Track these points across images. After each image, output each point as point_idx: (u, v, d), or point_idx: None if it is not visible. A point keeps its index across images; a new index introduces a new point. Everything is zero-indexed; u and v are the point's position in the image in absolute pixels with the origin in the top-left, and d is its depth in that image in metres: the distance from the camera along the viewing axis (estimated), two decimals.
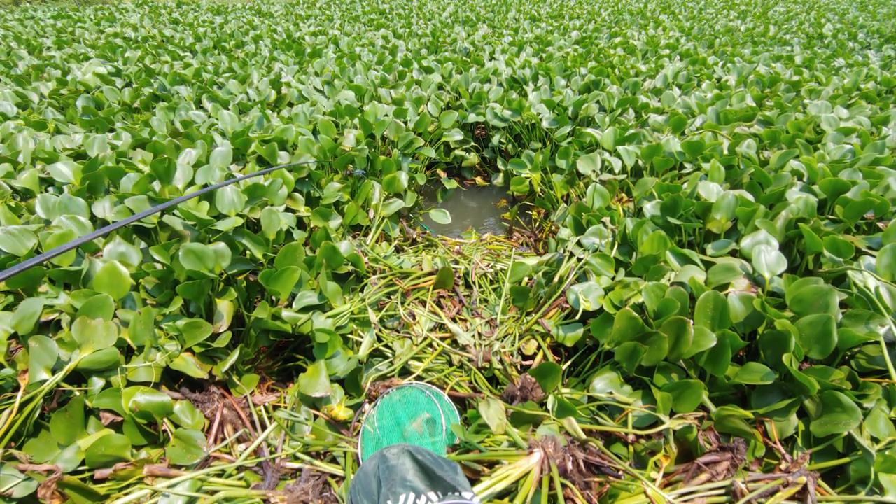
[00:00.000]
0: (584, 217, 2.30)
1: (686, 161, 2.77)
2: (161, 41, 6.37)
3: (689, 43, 6.33)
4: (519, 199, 3.49)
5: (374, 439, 1.56)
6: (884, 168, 2.27)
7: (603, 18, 8.98)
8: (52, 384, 1.40)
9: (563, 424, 1.44)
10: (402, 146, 3.21)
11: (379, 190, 2.74)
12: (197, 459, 1.43)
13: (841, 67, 5.13)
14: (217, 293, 1.82)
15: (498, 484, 1.28)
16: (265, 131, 3.10)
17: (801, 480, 1.27)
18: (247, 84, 4.19)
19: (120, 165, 2.32)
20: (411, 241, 2.92)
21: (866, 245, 1.85)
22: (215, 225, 1.97)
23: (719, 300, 1.56)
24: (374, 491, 1.12)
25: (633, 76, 4.51)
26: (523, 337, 1.97)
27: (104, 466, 1.36)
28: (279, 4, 11.27)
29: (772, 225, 1.91)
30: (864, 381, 1.45)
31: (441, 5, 10.91)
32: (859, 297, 1.58)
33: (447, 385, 1.80)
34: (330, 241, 2.11)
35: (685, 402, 1.45)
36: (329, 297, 1.88)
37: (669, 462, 1.42)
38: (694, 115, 3.48)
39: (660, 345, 1.52)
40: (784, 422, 1.41)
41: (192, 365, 1.60)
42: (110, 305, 1.59)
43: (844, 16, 9.64)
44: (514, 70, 4.66)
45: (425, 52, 5.68)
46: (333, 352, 1.74)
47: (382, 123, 3.16)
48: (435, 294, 2.24)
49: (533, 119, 3.63)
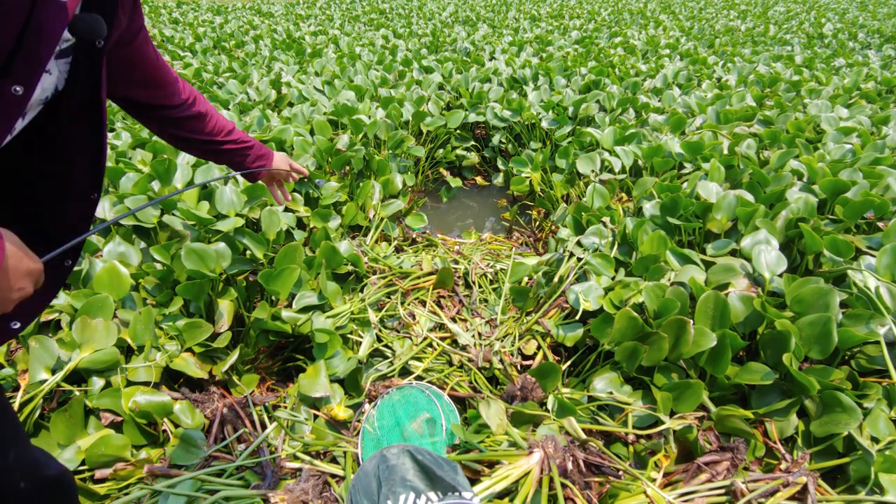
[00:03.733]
0: (584, 217, 2.30)
1: (686, 161, 2.77)
2: (161, 41, 6.37)
3: (690, 43, 6.33)
4: (519, 199, 3.49)
5: (374, 439, 1.56)
6: (884, 168, 2.27)
7: (603, 18, 8.98)
8: (52, 384, 1.41)
9: (563, 424, 1.44)
10: (392, 146, 3.20)
11: (378, 190, 2.74)
12: (197, 459, 1.43)
13: (841, 67, 5.13)
14: (217, 293, 1.82)
15: (498, 484, 1.28)
16: (265, 131, 3.10)
17: (801, 480, 1.27)
18: (247, 84, 4.19)
19: (119, 165, 2.32)
20: (411, 241, 2.92)
21: (866, 245, 1.85)
22: (215, 225, 1.97)
23: (719, 300, 1.56)
24: (374, 491, 1.12)
25: (633, 76, 4.51)
26: (523, 337, 1.97)
27: (104, 466, 1.36)
28: (279, 4, 11.27)
29: (772, 225, 1.91)
30: (864, 381, 1.45)
31: (441, 5, 10.91)
32: (859, 297, 1.58)
33: (447, 385, 1.80)
34: (330, 241, 2.11)
35: (685, 402, 1.45)
36: (329, 297, 1.88)
37: (669, 462, 1.42)
38: (694, 115, 3.48)
39: (660, 345, 1.52)
40: (784, 422, 1.41)
41: (192, 365, 1.60)
42: (110, 305, 1.59)
43: (844, 15, 9.64)
44: (514, 70, 4.66)
45: (425, 52, 5.68)
46: (333, 352, 1.74)
47: (374, 124, 3.14)
48: (435, 294, 2.24)
49: (533, 119, 3.63)
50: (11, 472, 0.82)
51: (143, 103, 1.04)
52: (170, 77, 1.05)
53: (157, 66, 1.00)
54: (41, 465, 0.90)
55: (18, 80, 0.62)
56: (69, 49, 0.72)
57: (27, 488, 0.83)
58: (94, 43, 0.74)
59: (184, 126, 1.13)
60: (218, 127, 1.19)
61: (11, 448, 0.82)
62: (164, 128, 1.12)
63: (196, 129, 1.15)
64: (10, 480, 0.81)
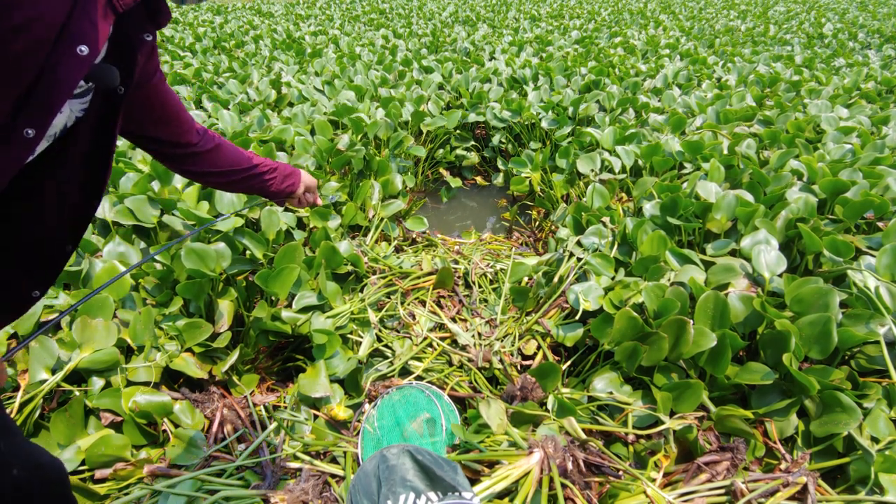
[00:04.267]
0: (584, 217, 2.30)
1: (686, 161, 2.77)
2: (161, 41, 6.37)
3: (689, 43, 6.33)
4: (519, 199, 3.49)
5: (374, 439, 1.56)
6: (884, 168, 2.27)
7: (603, 18, 8.98)
8: (52, 384, 1.41)
9: (563, 424, 1.44)
10: (392, 146, 3.20)
11: (378, 190, 2.73)
12: (197, 459, 1.43)
13: (841, 67, 5.13)
14: (217, 293, 1.82)
15: (498, 484, 1.28)
16: (265, 131, 3.10)
17: (801, 480, 1.27)
18: (247, 84, 4.19)
19: (119, 165, 2.32)
20: (411, 241, 2.92)
21: (866, 245, 1.85)
22: (215, 225, 1.97)
23: (719, 300, 1.56)
24: (374, 491, 1.12)
25: (633, 76, 4.51)
26: (523, 337, 1.97)
27: (104, 466, 1.36)
28: (279, 4, 11.27)
29: (772, 225, 1.91)
30: (864, 381, 1.45)
31: (441, 5, 10.91)
32: (859, 297, 1.58)
33: (447, 385, 1.80)
34: (329, 241, 2.11)
35: (685, 402, 1.45)
36: (329, 297, 1.88)
37: (669, 462, 1.42)
38: (694, 115, 3.48)
39: (660, 345, 1.52)
40: (784, 422, 1.41)
41: (191, 365, 1.60)
42: (110, 305, 1.59)
43: (844, 15, 9.65)
44: (514, 70, 4.66)
45: (425, 52, 5.68)
46: (333, 352, 1.74)
47: (375, 124, 3.14)
48: (435, 294, 2.24)
49: (533, 119, 3.63)
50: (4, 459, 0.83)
51: (161, 140, 1.04)
52: (184, 115, 1.05)
53: (173, 102, 1.00)
54: (34, 453, 0.91)
55: (31, 122, 0.63)
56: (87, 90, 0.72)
57: (20, 475, 0.84)
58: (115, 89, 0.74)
59: (202, 161, 1.12)
60: (237, 157, 1.18)
61: (3, 437, 0.83)
62: (183, 165, 1.11)
63: (215, 162, 1.14)
64: (3, 467, 0.82)
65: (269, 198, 1.33)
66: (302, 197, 1.42)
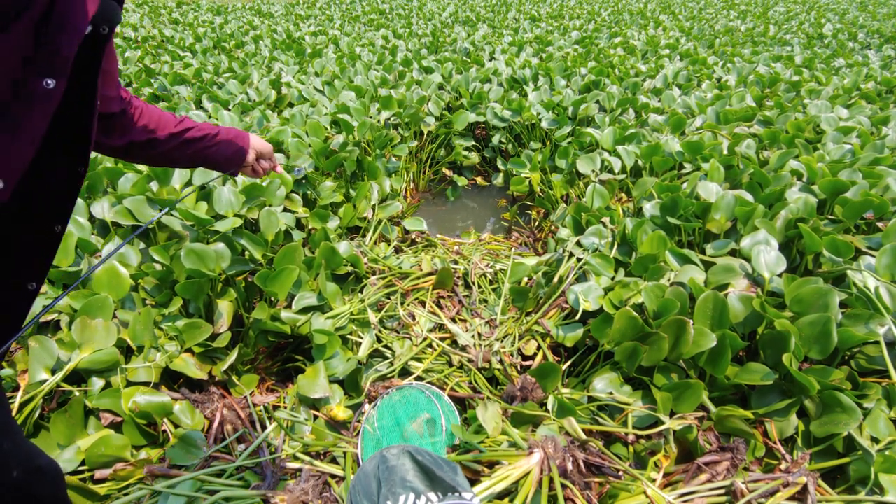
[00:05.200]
0: (584, 217, 2.30)
1: (686, 161, 2.77)
2: (161, 41, 6.37)
3: (689, 43, 6.33)
4: (519, 199, 3.49)
5: (374, 440, 1.56)
6: (883, 168, 2.27)
7: (603, 18, 8.98)
8: (52, 384, 1.40)
9: (563, 425, 1.44)
10: (379, 145, 3.18)
11: (377, 191, 2.73)
12: (197, 460, 1.43)
13: (841, 67, 5.13)
14: (216, 293, 1.82)
15: (498, 484, 1.28)
16: (264, 132, 3.10)
17: (801, 480, 1.27)
18: (247, 84, 4.19)
19: (118, 165, 2.32)
20: (410, 242, 2.92)
21: (866, 245, 1.85)
22: (214, 225, 1.97)
23: (719, 300, 1.56)
24: (374, 491, 1.12)
25: (633, 76, 4.51)
26: (523, 337, 1.97)
27: (104, 466, 1.36)
28: (279, 4, 11.27)
29: (771, 225, 1.91)
30: (864, 381, 1.45)
31: (441, 5, 10.92)
32: (859, 297, 1.58)
33: (447, 385, 1.80)
34: (329, 241, 2.11)
35: (685, 402, 1.44)
36: (328, 297, 1.88)
37: (669, 462, 1.42)
38: (694, 115, 3.48)
39: (660, 345, 1.52)
40: (784, 422, 1.41)
41: (191, 365, 1.60)
42: (110, 306, 1.58)
43: (844, 16, 9.65)
44: (514, 70, 4.66)
45: (425, 52, 5.68)
46: (332, 353, 1.74)
47: (363, 125, 3.12)
48: (434, 294, 2.24)
49: (533, 119, 3.64)
50: (6, 460, 0.83)
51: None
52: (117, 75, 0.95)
53: (113, 59, 0.91)
54: (33, 454, 0.91)
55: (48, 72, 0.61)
56: None
57: (20, 477, 0.84)
58: (100, 30, 0.70)
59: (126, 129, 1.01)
60: (163, 120, 1.06)
61: (6, 437, 0.83)
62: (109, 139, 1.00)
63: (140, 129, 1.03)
64: (4, 468, 0.82)
65: (216, 169, 1.21)
66: (255, 164, 1.29)
